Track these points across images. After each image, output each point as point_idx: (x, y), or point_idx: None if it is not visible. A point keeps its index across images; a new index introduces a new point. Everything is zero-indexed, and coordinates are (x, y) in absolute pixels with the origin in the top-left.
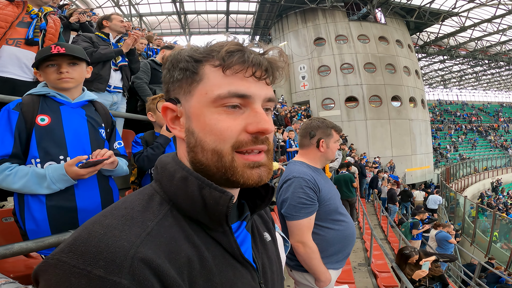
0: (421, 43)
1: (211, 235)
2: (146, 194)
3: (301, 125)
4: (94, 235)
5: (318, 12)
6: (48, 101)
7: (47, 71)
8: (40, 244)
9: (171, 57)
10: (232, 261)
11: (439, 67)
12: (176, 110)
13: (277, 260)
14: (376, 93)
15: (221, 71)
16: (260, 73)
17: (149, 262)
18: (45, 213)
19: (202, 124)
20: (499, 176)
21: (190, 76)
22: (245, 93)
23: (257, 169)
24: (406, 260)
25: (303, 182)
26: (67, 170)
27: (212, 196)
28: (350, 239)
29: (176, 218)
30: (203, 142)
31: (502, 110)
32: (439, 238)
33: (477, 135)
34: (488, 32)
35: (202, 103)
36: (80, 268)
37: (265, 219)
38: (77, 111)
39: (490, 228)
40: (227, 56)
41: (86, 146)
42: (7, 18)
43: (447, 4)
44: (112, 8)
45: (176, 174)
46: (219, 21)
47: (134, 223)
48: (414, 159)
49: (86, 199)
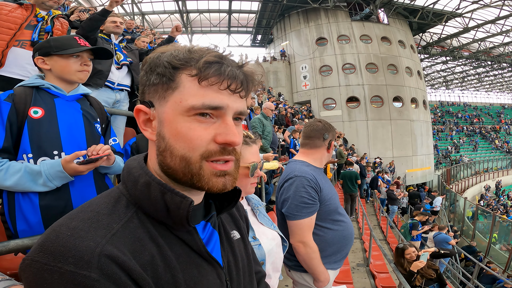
0: (423, 44)
1: (176, 234)
2: (112, 197)
3: (308, 125)
4: (61, 237)
5: (321, 12)
6: (42, 93)
7: (70, 60)
8: (36, 241)
9: (150, 60)
10: (197, 259)
11: (441, 68)
12: (149, 113)
13: (245, 258)
14: (377, 94)
15: (197, 81)
16: (235, 86)
17: (115, 258)
18: (39, 213)
19: (173, 131)
20: (500, 178)
21: (166, 82)
22: (218, 105)
23: (223, 178)
24: (402, 254)
25: (305, 181)
26: (64, 166)
27: (173, 201)
28: (348, 240)
29: (141, 220)
30: (172, 148)
31: (504, 111)
32: (438, 240)
33: (479, 136)
34: (492, 33)
35: (175, 110)
36: (51, 265)
37: (235, 218)
38: (72, 105)
39: (490, 229)
40: (204, 68)
41: (82, 141)
42: (17, 20)
43: (451, 4)
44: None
45: (140, 179)
46: (221, 20)
47: (100, 225)
48: (414, 160)
49: (82, 198)
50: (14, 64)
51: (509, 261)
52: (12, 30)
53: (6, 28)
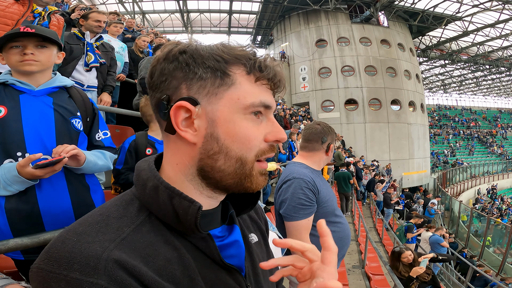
0: (423, 47)
1: (190, 240)
2: (124, 200)
3: (307, 128)
4: (67, 243)
5: (321, 14)
6: (8, 90)
7: (10, 52)
8: (36, 240)
9: (190, 51)
10: (213, 264)
11: (439, 71)
12: (193, 112)
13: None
14: (376, 96)
15: (252, 80)
16: (276, 86)
17: (123, 264)
18: (5, 217)
19: (230, 131)
20: (495, 182)
21: (220, 77)
22: (270, 104)
23: (265, 176)
24: (398, 258)
25: (303, 183)
26: (19, 171)
27: (181, 205)
28: (345, 241)
29: (154, 224)
30: (229, 149)
31: (500, 116)
32: (431, 241)
33: (476, 141)
34: (491, 37)
35: (232, 108)
36: (56, 272)
37: (254, 220)
38: (41, 100)
39: (484, 232)
40: (263, 68)
41: (50, 140)
42: (13, 16)
43: (451, 8)
44: (116, 5)
45: (148, 183)
46: (221, 20)
47: (109, 229)
48: (411, 163)
49: (51, 202)
50: None
51: (503, 264)
52: (8, 26)
53: (3, 24)
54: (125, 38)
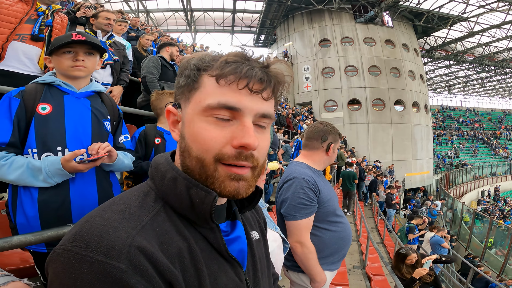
0: (427, 48)
1: (199, 230)
2: (142, 191)
3: (310, 127)
4: (95, 227)
5: (325, 13)
6: (53, 90)
7: (63, 57)
8: (39, 237)
9: (181, 64)
10: (217, 256)
11: (444, 72)
12: (176, 114)
13: (264, 259)
14: (379, 97)
15: (215, 81)
16: (252, 85)
17: (143, 250)
18: (36, 208)
19: (191, 131)
20: (498, 183)
21: (190, 83)
22: (235, 106)
23: (236, 182)
24: (403, 259)
25: (303, 183)
26: (64, 165)
27: (198, 195)
28: (346, 241)
29: (169, 214)
30: (189, 148)
31: (505, 117)
32: (432, 242)
33: (480, 142)
34: (497, 37)
35: (194, 110)
36: (83, 254)
37: (255, 218)
38: (81, 101)
39: (486, 234)
40: (222, 66)
41: (87, 138)
42: (17, 14)
43: (456, 8)
44: (120, 3)
45: (167, 175)
46: (225, 19)
47: (131, 217)
48: (414, 164)
49: (81, 196)
50: (13, 57)
51: (504, 266)
52: (12, 24)
53: (7, 22)
54: (130, 37)
